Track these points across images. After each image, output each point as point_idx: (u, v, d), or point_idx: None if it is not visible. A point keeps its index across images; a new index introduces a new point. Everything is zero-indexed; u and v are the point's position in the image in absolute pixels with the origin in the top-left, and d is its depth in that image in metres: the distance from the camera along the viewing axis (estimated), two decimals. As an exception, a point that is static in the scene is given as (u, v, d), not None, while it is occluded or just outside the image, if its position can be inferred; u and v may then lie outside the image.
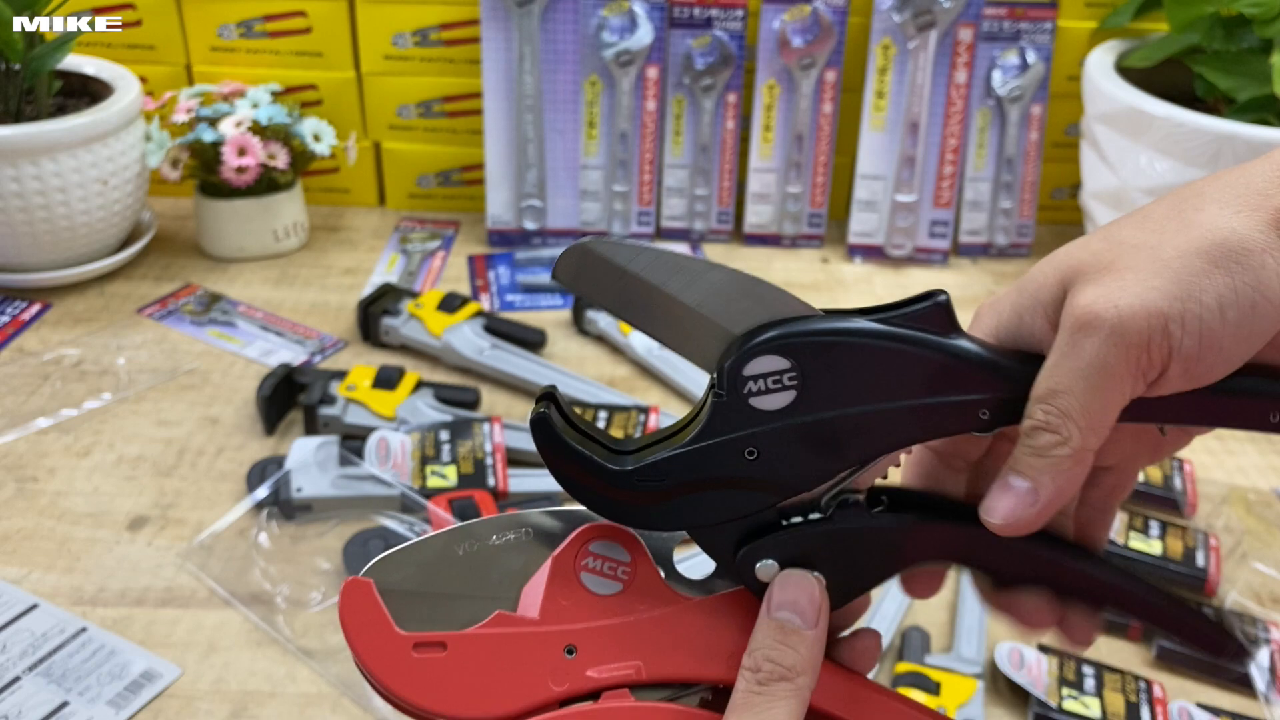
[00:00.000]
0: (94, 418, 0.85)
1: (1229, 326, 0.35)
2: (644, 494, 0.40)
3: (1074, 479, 0.37)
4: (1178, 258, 0.35)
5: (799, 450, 0.39)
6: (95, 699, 0.61)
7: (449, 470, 0.77)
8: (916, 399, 0.38)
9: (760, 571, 0.40)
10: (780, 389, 0.38)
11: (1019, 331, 0.38)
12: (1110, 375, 0.35)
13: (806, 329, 0.38)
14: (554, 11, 1.07)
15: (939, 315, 0.38)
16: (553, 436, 0.40)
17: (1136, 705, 0.63)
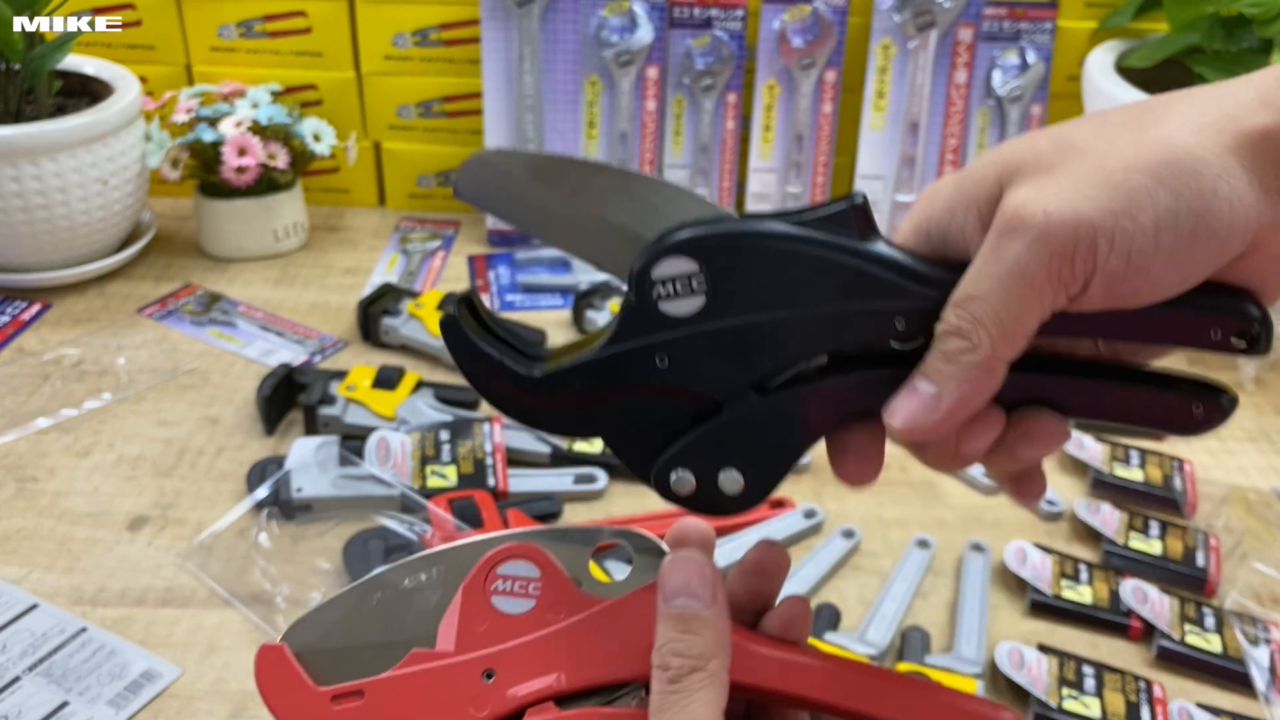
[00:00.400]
0: (94, 418, 0.85)
1: (1161, 251, 0.33)
2: (554, 400, 0.39)
3: (981, 388, 0.36)
4: (1123, 170, 0.33)
5: (710, 358, 0.37)
6: (95, 699, 0.61)
7: (449, 470, 0.77)
8: (829, 306, 0.37)
9: (676, 485, 0.39)
10: (690, 294, 0.37)
11: (949, 226, 0.36)
12: (1029, 283, 0.34)
13: (714, 230, 0.36)
14: (554, 11, 1.07)
15: (857, 218, 0.37)
16: (462, 339, 0.39)
17: (1136, 705, 0.63)
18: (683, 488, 0.39)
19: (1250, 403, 0.93)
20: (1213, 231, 0.33)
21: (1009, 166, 0.35)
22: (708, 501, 0.40)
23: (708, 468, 0.39)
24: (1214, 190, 0.33)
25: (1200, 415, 0.38)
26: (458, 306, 0.39)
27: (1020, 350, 0.35)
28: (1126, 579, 0.72)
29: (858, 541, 0.75)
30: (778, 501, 0.78)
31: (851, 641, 0.66)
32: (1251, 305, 0.35)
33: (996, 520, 0.79)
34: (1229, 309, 0.35)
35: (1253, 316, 0.35)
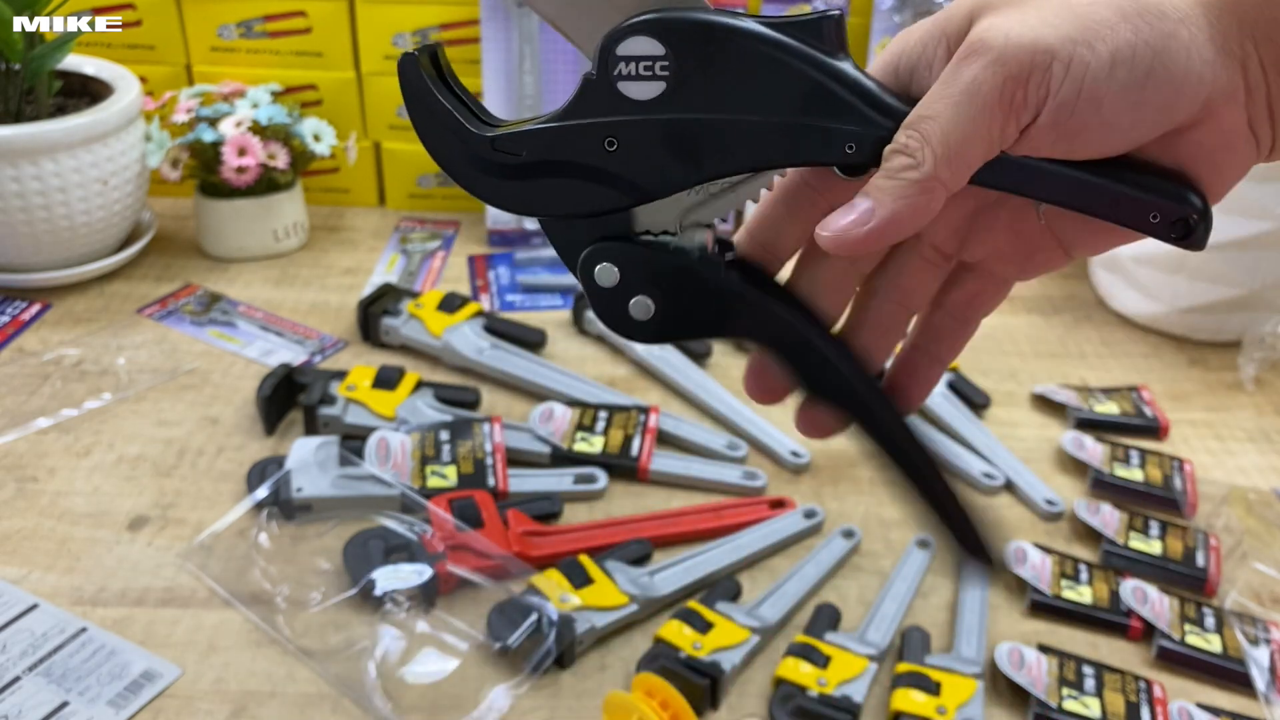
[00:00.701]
0: (94, 418, 0.85)
1: (1114, 84, 0.33)
2: (498, 166, 0.38)
3: (916, 209, 0.35)
4: (1089, 4, 0.33)
5: (658, 149, 0.37)
6: (95, 699, 0.61)
7: (449, 470, 0.77)
8: (787, 116, 0.36)
9: (599, 275, 0.40)
10: (651, 77, 0.36)
11: (919, 60, 0.37)
12: (980, 104, 0.34)
13: (685, 15, 0.36)
14: (554, 11, 1.07)
15: (829, 31, 0.36)
16: (420, 85, 0.38)
17: (1136, 705, 0.63)
18: (605, 280, 0.40)
19: (1250, 403, 0.93)
20: (1169, 73, 0.33)
21: (980, 3, 0.35)
22: (613, 308, 0.40)
23: (634, 282, 0.40)
24: (1174, 33, 0.33)
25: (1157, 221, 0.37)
26: (421, 52, 0.38)
27: (962, 180, 0.35)
28: (1126, 579, 0.72)
29: (858, 541, 0.75)
30: (778, 501, 0.78)
31: (851, 641, 0.66)
32: (1194, 195, 0.35)
33: (996, 520, 0.79)
34: (1172, 194, 0.35)
35: (1193, 206, 0.35)
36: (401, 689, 0.63)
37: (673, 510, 0.77)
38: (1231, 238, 0.93)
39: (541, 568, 0.70)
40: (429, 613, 0.68)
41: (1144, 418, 0.89)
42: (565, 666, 0.65)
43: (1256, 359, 0.95)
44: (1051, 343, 1.01)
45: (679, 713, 0.59)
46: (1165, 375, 0.97)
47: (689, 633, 0.65)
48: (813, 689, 0.62)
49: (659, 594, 0.69)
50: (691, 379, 0.91)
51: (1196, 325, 1.00)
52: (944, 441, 0.86)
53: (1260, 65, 0.33)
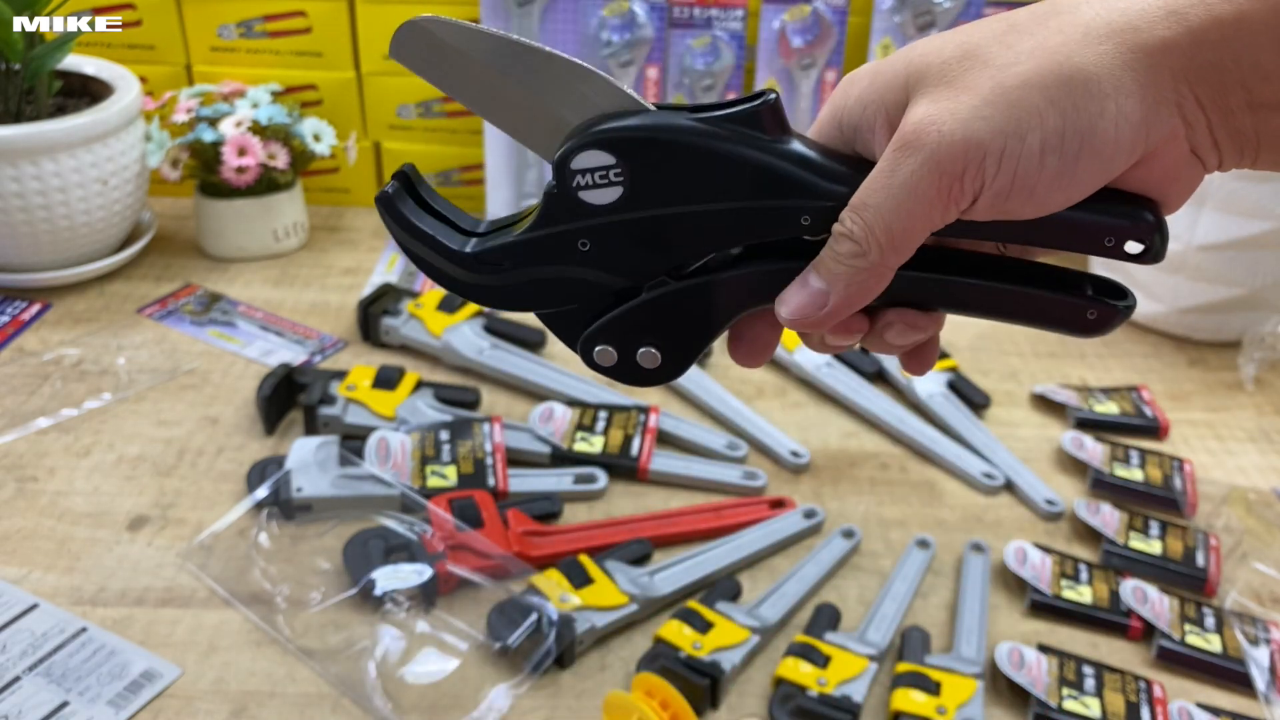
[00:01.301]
0: (94, 418, 0.85)
1: (1045, 172, 0.34)
2: (485, 276, 0.41)
3: (868, 290, 0.38)
4: (1018, 87, 0.34)
5: (629, 245, 0.40)
6: (95, 699, 0.61)
7: (449, 470, 0.77)
8: (740, 201, 0.38)
9: (599, 356, 0.42)
10: (608, 184, 0.38)
11: (860, 122, 0.38)
12: (920, 198, 0.35)
13: (625, 125, 0.38)
14: (554, 11, 1.07)
15: (768, 116, 0.38)
16: (399, 214, 0.41)
17: (1136, 705, 0.63)
18: (605, 360, 0.42)
19: (1250, 403, 0.93)
20: (1096, 152, 0.34)
21: (915, 73, 0.36)
22: (628, 373, 0.43)
23: (628, 343, 0.42)
24: (1101, 111, 0.34)
25: (1094, 318, 0.39)
26: (395, 182, 0.41)
27: (907, 257, 0.37)
28: (1126, 579, 0.72)
29: (858, 541, 0.75)
30: (778, 501, 0.78)
31: (851, 641, 0.66)
32: (1147, 213, 0.36)
33: (996, 520, 0.79)
34: (1124, 215, 0.36)
35: (1148, 224, 0.36)
36: (401, 689, 0.63)
37: (673, 510, 0.77)
38: (1231, 238, 0.93)
39: (541, 568, 0.70)
40: (429, 613, 0.68)
41: (1144, 418, 0.89)
42: (565, 666, 0.65)
43: (1256, 359, 0.95)
44: (1051, 343, 1.01)
45: (679, 713, 0.59)
46: (1165, 375, 0.97)
47: (689, 633, 0.65)
48: (813, 689, 0.62)
49: (659, 594, 0.69)
50: (691, 379, 0.91)
51: (1196, 325, 1.00)
52: (944, 442, 0.86)
53: (1197, 103, 0.34)
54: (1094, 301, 0.39)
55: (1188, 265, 0.96)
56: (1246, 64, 0.33)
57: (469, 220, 0.42)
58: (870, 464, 0.84)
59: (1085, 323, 0.40)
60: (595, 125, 0.38)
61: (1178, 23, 0.33)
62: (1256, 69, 0.33)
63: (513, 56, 0.39)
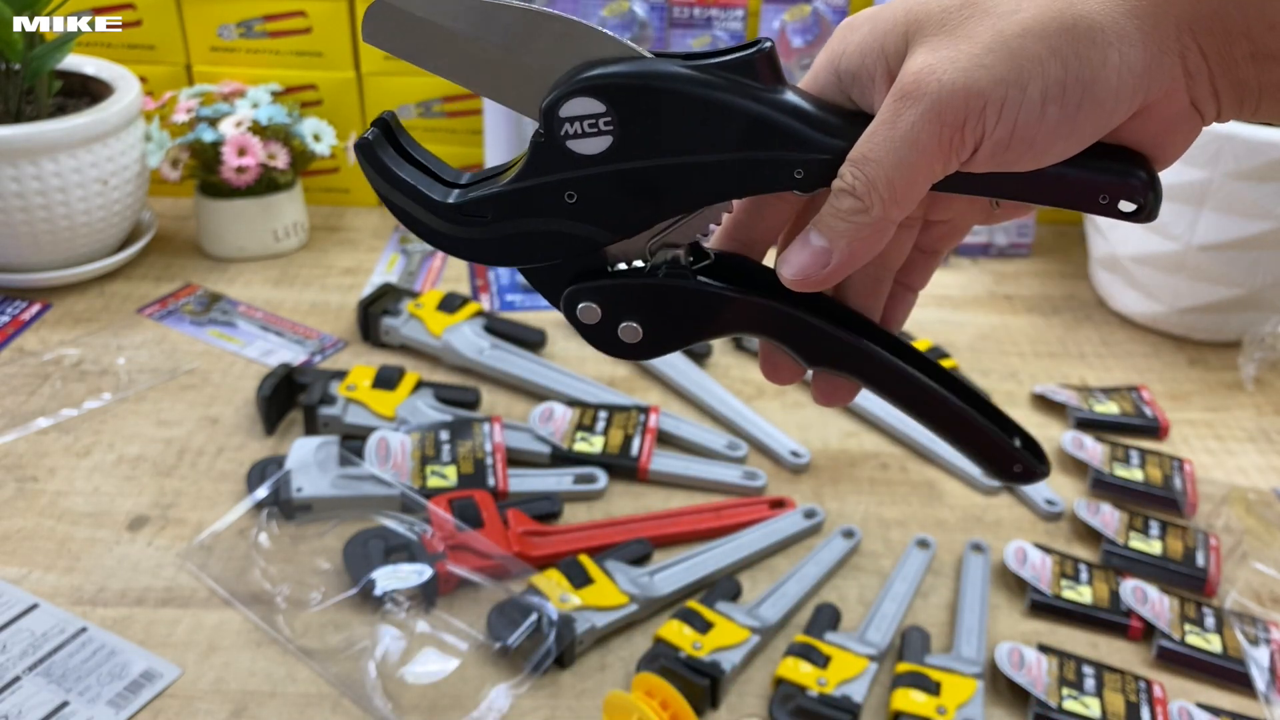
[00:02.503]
0: (94, 418, 0.85)
1: (1046, 122, 0.34)
2: (468, 228, 0.40)
3: (870, 245, 0.37)
4: (1019, 35, 0.34)
5: (617, 196, 0.39)
6: (95, 699, 0.61)
7: (449, 470, 0.77)
8: (732, 152, 0.37)
9: (582, 313, 0.41)
10: (597, 133, 0.37)
11: (859, 70, 0.37)
12: (921, 150, 0.35)
13: (619, 71, 0.37)
14: (554, 11, 1.07)
15: (763, 65, 0.37)
16: (378, 162, 0.40)
17: (1136, 705, 0.63)
18: (588, 317, 0.41)
19: (1250, 403, 0.93)
20: (1098, 102, 0.34)
21: (915, 20, 0.36)
22: (603, 338, 0.42)
23: (616, 311, 0.41)
24: (1104, 60, 0.33)
25: (1019, 472, 0.42)
26: (374, 130, 0.40)
27: (910, 210, 0.37)
28: (1126, 579, 0.72)
29: (858, 541, 0.75)
30: (778, 501, 0.78)
31: (851, 641, 0.66)
32: (1141, 170, 0.36)
33: (996, 520, 0.79)
34: (1118, 172, 0.36)
35: (1141, 181, 0.36)
36: (401, 689, 0.63)
37: (673, 510, 0.77)
38: (1231, 238, 0.93)
39: (541, 568, 0.70)
40: (429, 613, 0.68)
41: (1144, 418, 0.89)
42: (565, 666, 0.65)
43: (1256, 359, 0.95)
44: (1051, 343, 1.01)
45: (679, 713, 0.59)
46: (1165, 375, 0.97)
47: (689, 633, 0.65)
48: (813, 689, 0.62)
49: (659, 594, 0.69)
50: (691, 379, 0.91)
51: (1196, 325, 1.00)
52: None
53: (1200, 52, 0.34)
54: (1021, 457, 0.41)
55: (1188, 265, 0.96)
56: (1253, 12, 0.33)
57: (451, 172, 0.41)
58: (870, 464, 0.84)
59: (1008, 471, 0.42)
60: (584, 71, 0.37)
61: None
62: (1262, 17, 0.33)
63: (489, 17, 0.37)
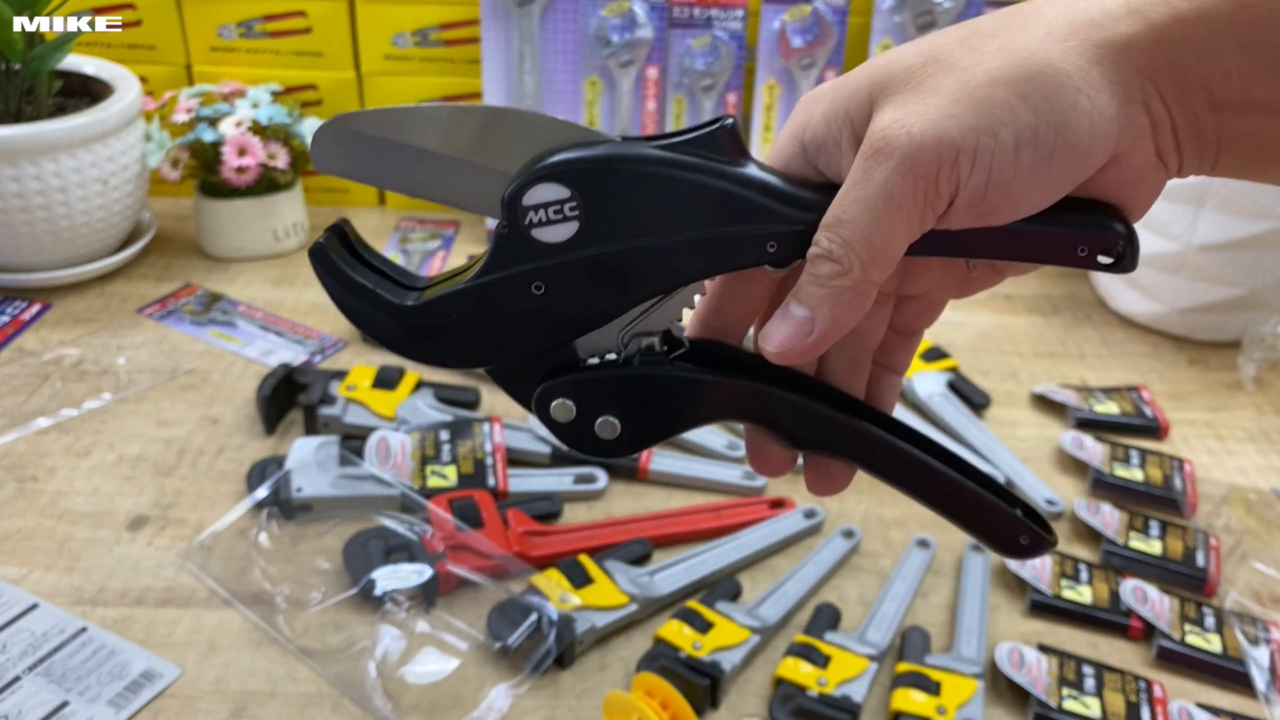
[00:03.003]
0: (94, 418, 0.85)
1: (1021, 169, 0.33)
2: (431, 331, 0.39)
3: (854, 310, 0.36)
4: (986, 85, 0.33)
5: (586, 284, 0.38)
6: (95, 699, 0.61)
7: (449, 470, 0.77)
8: (702, 230, 0.37)
9: (555, 411, 0.40)
10: (562, 219, 0.37)
11: (825, 140, 0.37)
12: (896, 206, 0.34)
13: (583, 155, 0.36)
14: (554, 11, 1.07)
15: (727, 140, 0.37)
16: (333, 267, 0.39)
17: (1136, 705, 0.63)
18: (562, 415, 0.40)
19: (1250, 403, 0.93)
20: (1072, 147, 0.33)
21: (879, 82, 0.35)
22: (578, 436, 0.40)
23: (591, 407, 0.40)
24: (1074, 105, 0.33)
25: (1026, 544, 0.40)
26: (328, 235, 0.39)
27: (889, 271, 0.36)
28: (1126, 579, 0.72)
29: (858, 541, 0.75)
30: (778, 501, 0.78)
31: (851, 641, 0.66)
32: (1117, 222, 0.36)
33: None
34: (1094, 225, 0.35)
35: (1118, 233, 0.36)
36: (401, 689, 0.63)
37: (673, 510, 0.77)
38: (1231, 238, 0.93)
39: (541, 568, 0.70)
40: (429, 613, 0.68)
41: (1144, 418, 0.89)
42: (565, 666, 0.65)
43: (1256, 359, 0.95)
44: (1051, 343, 1.01)
45: (679, 713, 0.59)
46: (1165, 375, 0.97)
47: (689, 633, 0.65)
48: (813, 689, 0.62)
49: (659, 594, 0.69)
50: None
51: (1196, 325, 1.00)
52: (944, 442, 0.85)
53: (1162, 101, 0.34)
54: (1028, 528, 0.39)
55: (1188, 265, 0.96)
56: (1209, 62, 0.33)
57: (409, 275, 0.40)
58: (870, 464, 0.84)
59: (1014, 544, 0.40)
60: (546, 158, 0.36)
61: (1140, 20, 0.33)
62: (1219, 67, 0.33)
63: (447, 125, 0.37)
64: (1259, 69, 0.32)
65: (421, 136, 0.37)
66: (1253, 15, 0.32)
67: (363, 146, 0.38)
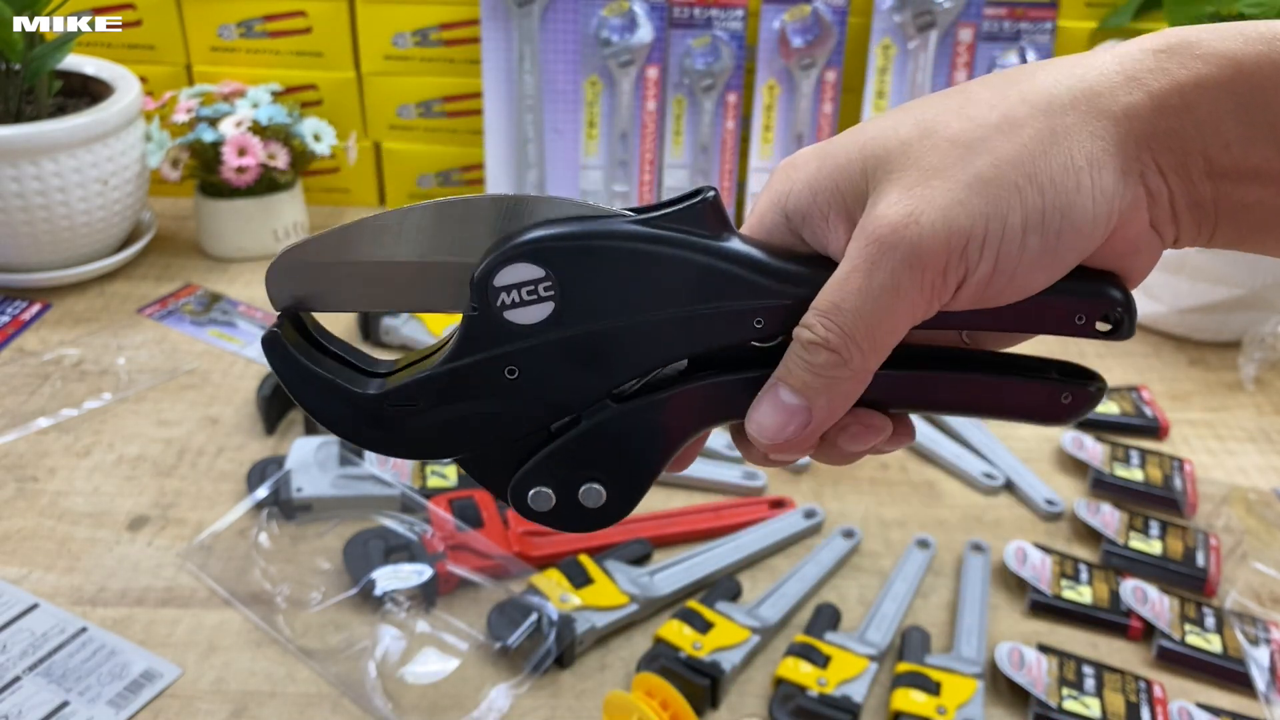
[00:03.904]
0: (94, 418, 0.85)
1: (1028, 253, 0.33)
2: (397, 421, 0.36)
3: (850, 398, 0.35)
4: (992, 166, 0.32)
5: (563, 367, 0.35)
6: (95, 699, 0.61)
7: (449, 470, 0.77)
8: (685, 307, 0.35)
9: (534, 501, 0.37)
10: (537, 300, 0.34)
11: (811, 210, 0.35)
12: (902, 298, 0.33)
13: (557, 233, 0.34)
14: (554, 11, 1.07)
15: (709, 214, 0.35)
16: (288, 357, 0.36)
17: (1136, 705, 0.63)
18: (542, 504, 0.38)
19: (1250, 403, 0.93)
20: (1077, 229, 0.33)
21: (873, 156, 0.34)
22: (569, 518, 0.38)
23: (567, 482, 0.37)
24: (1078, 186, 0.32)
25: (1069, 402, 0.37)
26: (282, 321, 0.37)
27: (885, 357, 0.35)
28: (1126, 579, 0.72)
29: (858, 541, 0.75)
30: (778, 501, 0.78)
31: (851, 641, 0.66)
32: (1114, 289, 0.35)
33: (996, 520, 0.79)
34: (1092, 293, 0.35)
35: (1116, 300, 0.35)
36: (401, 689, 0.63)
37: (673, 510, 0.77)
38: (1231, 238, 0.93)
39: (541, 567, 0.70)
40: (429, 613, 0.68)
41: (1144, 418, 0.89)
42: (565, 666, 0.65)
43: (1256, 359, 0.95)
44: (1051, 343, 1.01)
45: (679, 713, 0.59)
46: (1165, 375, 0.97)
47: (689, 633, 0.65)
48: (813, 689, 0.62)
49: (659, 594, 0.69)
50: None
51: (1196, 325, 1.00)
52: (944, 442, 0.86)
53: (1159, 171, 0.33)
54: (1065, 384, 0.37)
55: (1188, 265, 0.96)
56: (1208, 131, 0.32)
57: (370, 360, 0.37)
58: (870, 464, 0.84)
59: (1059, 408, 0.37)
60: (518, 236, 0.34)
61: (1138, 88, 0.32)
62: (1217, 136, 0.32)
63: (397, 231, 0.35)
64: (1257, 138, 0.32)
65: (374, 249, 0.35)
66: (1251, 84, 0.32)
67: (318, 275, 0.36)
